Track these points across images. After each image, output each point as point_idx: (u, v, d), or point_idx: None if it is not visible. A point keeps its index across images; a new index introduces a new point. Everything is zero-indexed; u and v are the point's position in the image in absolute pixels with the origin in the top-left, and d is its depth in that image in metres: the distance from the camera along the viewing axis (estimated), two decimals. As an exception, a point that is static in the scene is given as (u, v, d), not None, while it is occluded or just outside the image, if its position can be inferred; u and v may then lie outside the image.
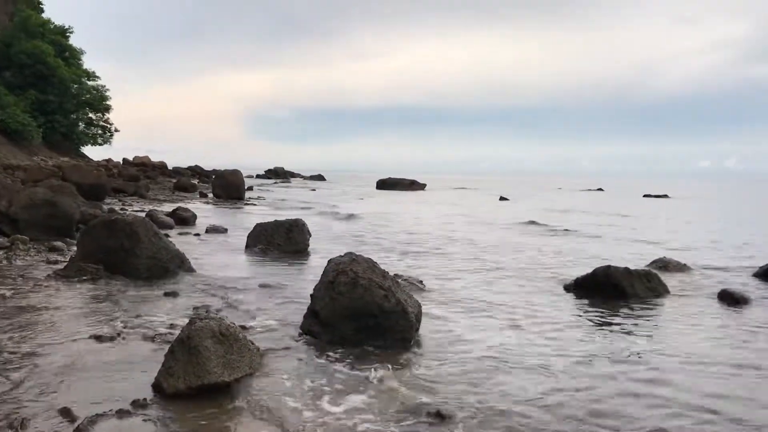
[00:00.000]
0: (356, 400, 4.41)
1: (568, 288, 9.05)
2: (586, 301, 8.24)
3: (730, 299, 8.42)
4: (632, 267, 9.12)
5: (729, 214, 31.68)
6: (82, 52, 59.53)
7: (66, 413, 3.91)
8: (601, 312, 7.64)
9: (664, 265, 10.76)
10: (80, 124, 59.25)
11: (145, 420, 3.91)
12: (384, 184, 55.61)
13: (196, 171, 60.04)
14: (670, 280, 9.47)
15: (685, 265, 10.96)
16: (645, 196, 50.62)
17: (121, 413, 3.96)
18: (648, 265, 10.60)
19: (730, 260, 12.32)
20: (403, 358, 5.45)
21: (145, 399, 4.18)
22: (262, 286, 8.23)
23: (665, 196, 50.44)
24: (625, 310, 7.71)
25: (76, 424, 3.77)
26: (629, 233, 18.97)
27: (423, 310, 6.33)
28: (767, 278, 10.01)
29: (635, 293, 8.46)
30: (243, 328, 5.75)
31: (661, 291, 8.75)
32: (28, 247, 10.57)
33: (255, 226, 12.54)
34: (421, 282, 8.79)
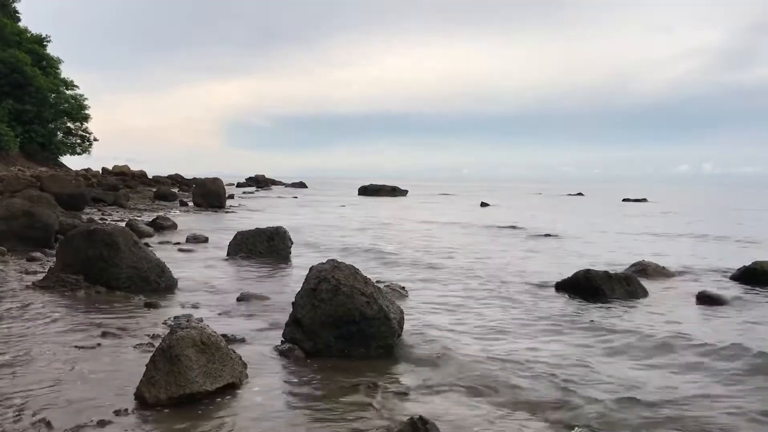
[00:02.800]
0: (338, 408, 4.41)
1: (549, 291, 9.13)
2: (568, 305, 8.31)
3: (709, 301, 8.54)
4: (611, 270, 9.23)
5: (706, 217, 32.06)
6: (59, 61, 59.09)
7: (46, 425, 3.88)
8: (583, 315, 7.70)
9: (643, 268, 10.87)
10: (58, 133, 58.74)
11: (126, 430, 3.88)
12: (366, 191, 55.66)
13: (176, 179, 59.61)
14: (649, 283, 9.59)
15: (663, 268, 11.08)
16: (624, 200, 51.08)
17: (103, 424, 3.93)
18: (627, 269, 10.71)
19: (708, 263, 12.48)
20: (386, 365, 5.47)
21: (126, 409, 4.16)
22: (244, 294, 8.21)
23: (644, 200, 50.93)
24: (606, 313, 7.78)
25: (56, 436, 3.74)
26: (608, 237, 19.15)
27: (405, 317, 6.35)
28: (744, 280, 10.14)
29: (615, 296, 8.55)
30: (225, 337, 5.73)
31: (640, 293, 8.86)
32: (6, 258, 10.45)
33: (236, 235, 12.50)
34: (403, 288, 8.81)
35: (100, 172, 52.02)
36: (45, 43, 58.31)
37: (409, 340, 6.15)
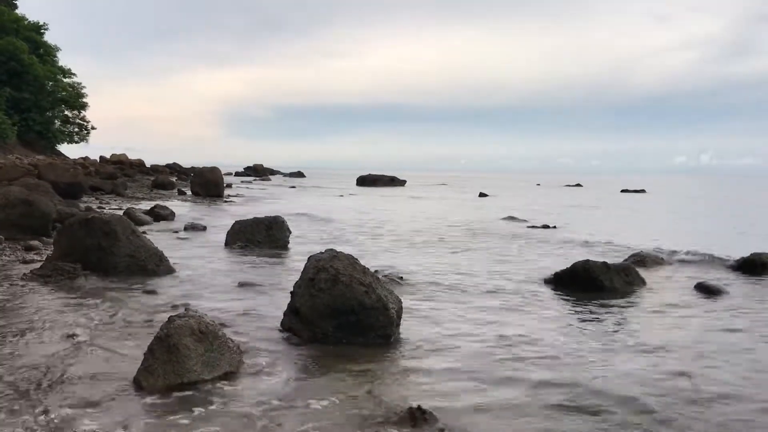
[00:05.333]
0: (336, 397, 4.40)
1: (548, 282, 9.12)
2: (565, 295, 8.31)
3: (706, 291, 8.54)
4: (610, 261, 9.22)
5: (704, 208, 32.08)
6: (57, 49, 58.75)
7: (43, 412, 3.87)
8: (581, 305, 7.71)
9: (641, 259, 10.87)
10: (56, 121, 58.46)
11: (123, 418, 3.87)
12: (364, 181, 55.60)
13: (174, 169, 59.56)
14: (647, 273, 9.58)
15: (662, 258, 11.09)
16: (623, 191, 51.12)
17: (100, 412, 3.92)
18: (626, 260, 10.71)
19: (706, 254, 12.46)
20: (384, 355, 5.46)
21: (123, 397, 4.14)
22: (242, 283, 8.19)
23: (642, 191, 50.99)
24: (604, 303, 7.78)
25: (52, 424, 3.72)
26: (607, 228, 19.15)
27: (404, 306, 6.34)
28: (742, 271, 10.15)
29: (613, 287, 8.55)
30: (223, 325, 5.72)
31: (638, 284, 8.86)
32: (4, 246, 10.42)
33: (234, 224, 12.48)
34: (401, 278, 8.80)
35: (98, 160, 51.91)
36: (42, 31, 57.95)
37: (407, 330, 6.14)
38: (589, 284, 8.59)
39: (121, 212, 14.20)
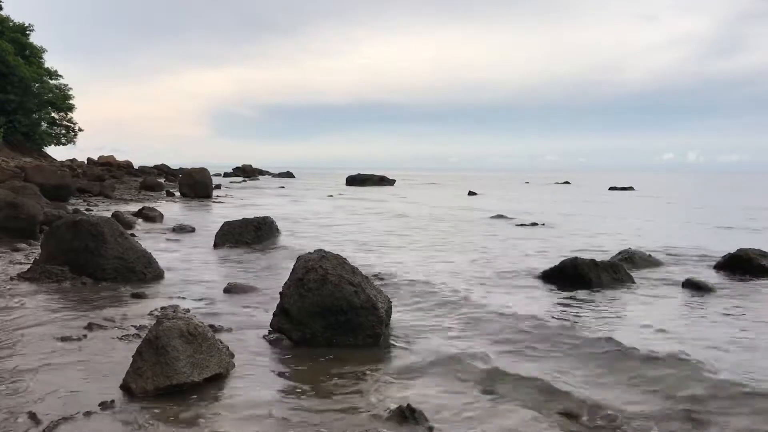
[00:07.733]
0: (326, 397, 4.41)
1: (537, 278, 9.17)
2: (555, 293, 8.34)
3: (695, 288, 8.60)
4: (599, 258, 9.27)
5: (691, 206, 32.28)
6: (43, 51, 58.45)
7: (31, 417, 3.85)
8: (571, 303, 7.74)
9: (630, 256, 10.92)
10: (43, 123, 58.21)
11: (113, 422, 3.86)
12: (353, 181, 55.56)
13: (162, 170, 59.37)
14: (635, 270, 9.64)
15: (650, 256, 11.14)
16: (611, 188, 51.31)
17: (89, 415, 3.91)
18: (614, 257, 10.75)
19: (695, 250, 12.56)
20: (374, 354, 5.47)
21: (113, 401, 4.13)
22: (231, 284, 8.17)
23: (630, 188, 51.18)
24: (594, 300, 7.82)
25: (41, 428, 3.71)
26: (595, 225, 19.25)
27: (393, 305, 6.35)
28: (726, 269, 10.21)
29: (601, 284, 8.59)
30: (212, 327, 5.71)
31: (627, 281, 8.90)
32: (-10, 249, 10.35)
33: (223, 225, 12.45)
34: (391, 277, 8.81)
35: (86, 162, 51.69)
36: (28, 32, 57.62)
37: (397, 329, 6.15)
38: (578, 281, 8.64)
39: (109, 214, 14.13)
